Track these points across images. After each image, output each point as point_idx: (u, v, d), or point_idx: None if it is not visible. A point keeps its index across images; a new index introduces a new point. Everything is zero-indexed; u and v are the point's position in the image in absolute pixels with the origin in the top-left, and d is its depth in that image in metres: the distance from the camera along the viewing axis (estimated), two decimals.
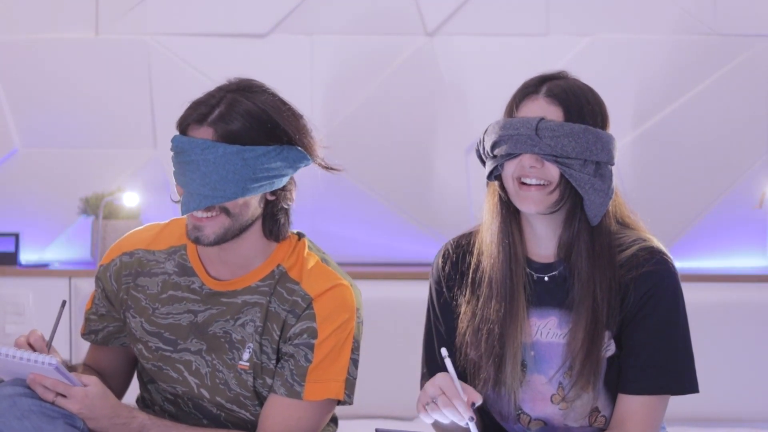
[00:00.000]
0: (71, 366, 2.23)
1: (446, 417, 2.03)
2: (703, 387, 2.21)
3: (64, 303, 2.23)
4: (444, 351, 2.04)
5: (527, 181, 2.09)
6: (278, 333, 2.21)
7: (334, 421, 2.40)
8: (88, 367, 2.35)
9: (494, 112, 2.20)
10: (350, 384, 2.23)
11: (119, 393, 2.37)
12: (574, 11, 4.34)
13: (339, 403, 2.25)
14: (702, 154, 4.35)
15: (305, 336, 2.20)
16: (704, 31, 4.33)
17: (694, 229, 4.35)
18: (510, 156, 2.09)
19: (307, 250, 2.28)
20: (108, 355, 2.36)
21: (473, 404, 2.02)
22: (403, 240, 4.39)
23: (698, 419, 3.98)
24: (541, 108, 2.10)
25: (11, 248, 4.27)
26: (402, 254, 4.38)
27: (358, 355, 2.25)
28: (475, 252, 2.21)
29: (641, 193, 4.25)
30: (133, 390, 2.40)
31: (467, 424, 2.01)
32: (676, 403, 2.44)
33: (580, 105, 2.10)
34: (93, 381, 2.12)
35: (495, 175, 2.15)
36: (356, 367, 2.25)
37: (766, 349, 4.03)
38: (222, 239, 2.17)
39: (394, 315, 3.91)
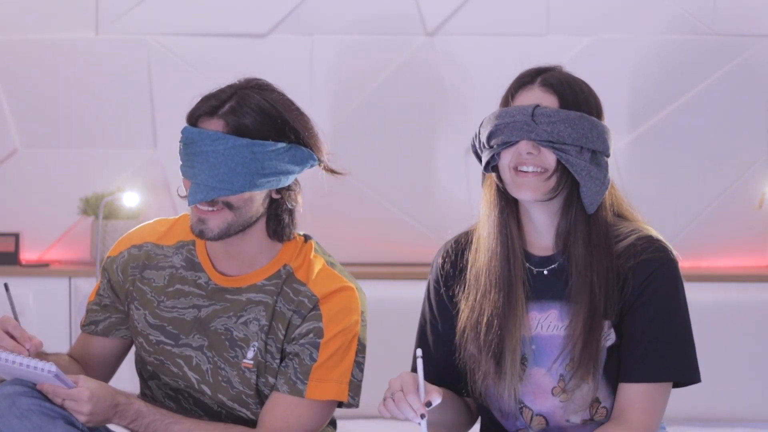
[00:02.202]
0: (44, 354, 2.23)
1: (401, 414, 2.01)
2: (703, 387, 2.20)
3: (6, 285, 2.25)
4: (419, 351, 2.04)
5: (524, 168, 2.10)
6: (283, 333, 2.22)
7: (333, 424, 2.41)
8: (72, 358, 2.35)
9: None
10: (354, 386, 2.24)
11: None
12: (574, 11, 4.34)
13: (344, 405, 2.25)
14: (702, 154, 4.35)
15: (311, 335, 2.20)
16: (704, 31, 4.33)
17: (693, 230, 4.35)
18: (507, 144, 2.10)
19: (313, 253, 2.29)
20: (102, 344, 2.36)
21: (429, 404, 2.01)
22: (402, 239, 4.39)
23: (698, 419, 3.98)
24: (537, 97, 2.12)
25: (11, 248, 4.27)
26: (401, 254, 4.38)
27: (363, 357, 2.26)
28: (473, 247, 2.21)
29: (641, 193, 4.24)
30: (134, 388, 2.40)
31: (419, 423, 2.00)
32: (677, 402, 2.44)
33: (575, 93, 2.12)
34: (82, 378, 2.11)
35: (492, 166, 2.15)
36: (361, 370, 2.26)
37: (766, 349, 4.03)
38: (225, 234, 2.18)
39: (395, 315, 3.90)
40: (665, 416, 2.23)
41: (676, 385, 2.15)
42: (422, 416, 1.99)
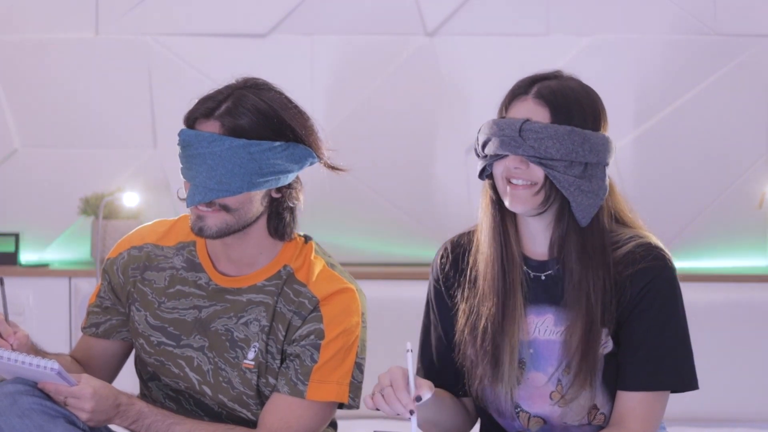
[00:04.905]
0: (42, 351, 2.23)
1: (390, 409, 2.00)
2: (703, 387, 2.20)
3: (1, 279, 2.24)
4: (408, 345, 2.03)
5: (514, 181, 2.10)
6: (283, 334, 2.22)
7: (333, 425, 2.41)
8: (74, 360, 2.35)
9: (494, 112, 2.20)
10: (355, 388, 2.24)
11: None
12: (574, 11, 4.34)
13: (344, 406, 2.25)
14: (702, 154, 4.35)
15: (312, 337, 2.21)
16: (704, 31, 4.33)
17: (693, 229, 4.35)
18: (497, 157, 2.11)
19: (313, 254, 2.29)
20: (104, 346, 2.36)
21: (419, 398, 1.99)
22: (402, 239, 4.39)
23: (698, 419, 3.98)
24: (529, 109, 2.10)
25: (11, 248, 4.27)
26: (402, 254, 4.38)
27: (364, 359, 2.27)
28: (474, 250, 2.21)
29: (641, 193, 4.25)
30: (135, 389, 2.40)
31: (409, 418, 1.98)
32: (676, 403, 2.44)
33: (569, 106, 2.09)
34: (85, 376, 2.12)
35: (486, 174, 2.16)
36: (361, 371, 2.26)
37: (766, 349, 4.03)
38: (224, 233, 2.19)
39: (394, 315, 3.90)
40: (665, 416, 2.23)
41: (673, 391, 2.15)
42: (411, 412, 1.98)
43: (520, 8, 4.34)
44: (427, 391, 2.01)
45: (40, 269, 4.21)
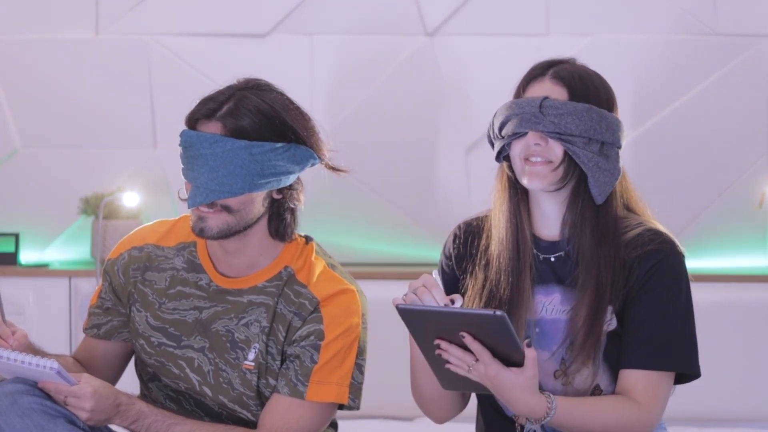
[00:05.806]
0: (41, 351, 2.23)
1: (422, 305, 2.04)
2: (703, 387, 2.21)
3: None
4: (435, 272, 2.08)
5: (533, 159, 2.13)
6: (283, 334, 2.22)
7: (333, 425, 2.41)
8: (76, 361, 2.35)
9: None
10: (355, 389, 2.24)
11: None
12: (575, 11, 4.35)
13: (345, 407, 2.25)
14: (702, 154, 4.35)
15: (312, 338, 2.21)
16: (704, 31, 4.33)
17: (693, 229, 4.35)
18: (516, 135, 2.14)
19: (314, 254, 2.29)
20: (105, 347, 2.36)
21: (453, 302, 2.04)
22: (403, 240, 4.39)
23: (698, 419, 3.99)
24: (547, 89, 2.15)
25: (11, 248, 4.27)
26: (402, 254, 4.38)
27: (364, 360, 2.27)
28: (485, 234, 2.24)
29: (641, 192, 4.24)
30: (135, 390, 2.40)
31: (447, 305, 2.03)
32: (677, 402, 2.44)
33: (585, 87, 2.15)
34: (85, 375, 2.12)
35: (503, 156, 2.19)
36: (362, 372, 2.26)
37: (766, 349, 4.03)
38: (226, 234, 2.19)
39: (395, 315, 3.90)
40: (666, 416, 2.23)
41: (678, 381, 2.16)
42: (445, 305, 2.02)
43: (520, 8, 4.34)
44: (459, 297, 2.05)
45: (39, 269, 4.21)
